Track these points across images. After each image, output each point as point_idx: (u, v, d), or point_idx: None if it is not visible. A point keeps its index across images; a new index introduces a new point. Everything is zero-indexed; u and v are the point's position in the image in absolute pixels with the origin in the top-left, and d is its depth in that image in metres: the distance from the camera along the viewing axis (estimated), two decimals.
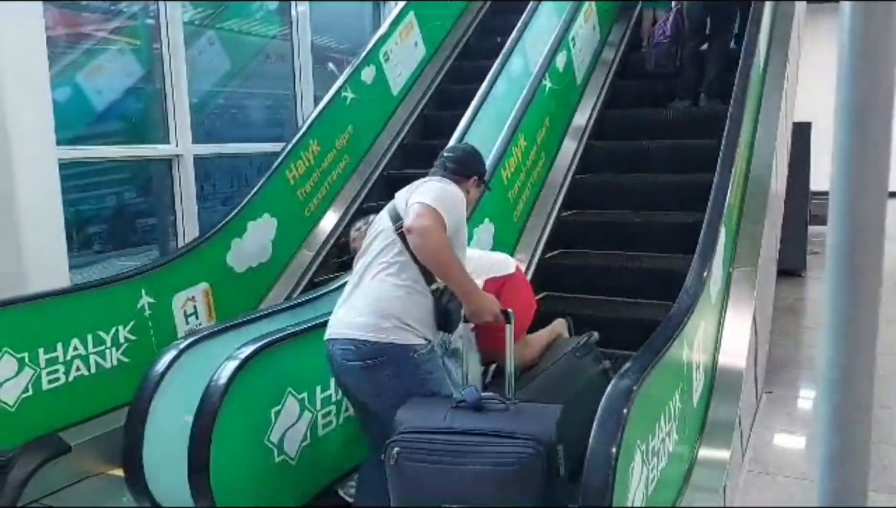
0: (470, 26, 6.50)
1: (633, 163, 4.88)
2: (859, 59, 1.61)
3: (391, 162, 5.40)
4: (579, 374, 3.00)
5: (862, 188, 1.65)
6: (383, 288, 2.30)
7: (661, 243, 4.26)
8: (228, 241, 4.17)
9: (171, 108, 4.98)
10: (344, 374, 2.37)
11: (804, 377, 4.81)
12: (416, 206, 2.25)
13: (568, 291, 4.17)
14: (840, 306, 1.71)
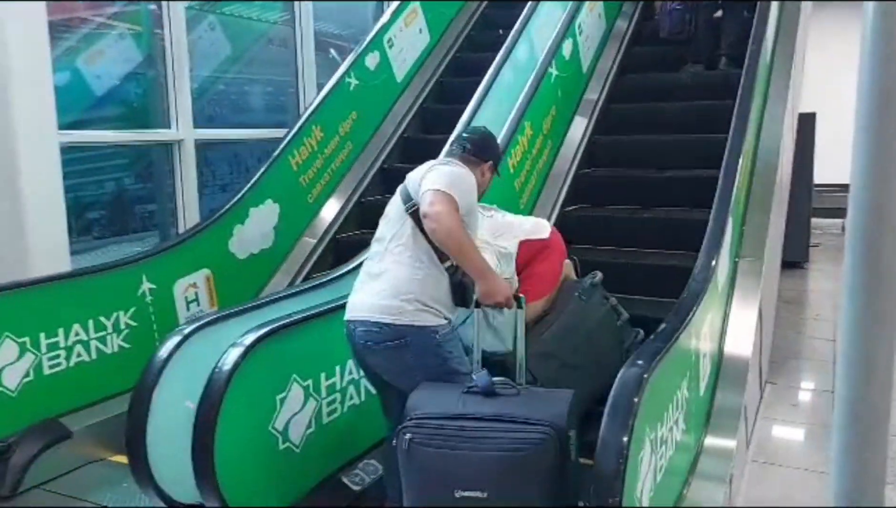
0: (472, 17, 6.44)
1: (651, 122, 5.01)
2: (883, 50, 1.58)
3: (395, 149, 5.36)
4: (588, 316, 3.05)
5: (884, 179, 1.62)
6: (403, 270, 2.34)
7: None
8: (230, 227, 4.14)
9: (172, 92, 4.93)
10: (368, 355, 2.40)
11: (807, 368, 4.80)
12: (430, 193, 2.28)
13: (588, 242, 4.17)
14: (859, 297, 1.68)
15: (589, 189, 4.70)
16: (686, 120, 4.85)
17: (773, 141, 4.39)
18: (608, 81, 5.30)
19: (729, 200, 3.38)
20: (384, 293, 2.33)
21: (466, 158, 2.58)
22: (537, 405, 2.11)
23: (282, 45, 6.34)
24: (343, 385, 2.85)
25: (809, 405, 4.22)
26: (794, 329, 5.54)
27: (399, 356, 2.33)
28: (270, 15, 6.28)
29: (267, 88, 6.53)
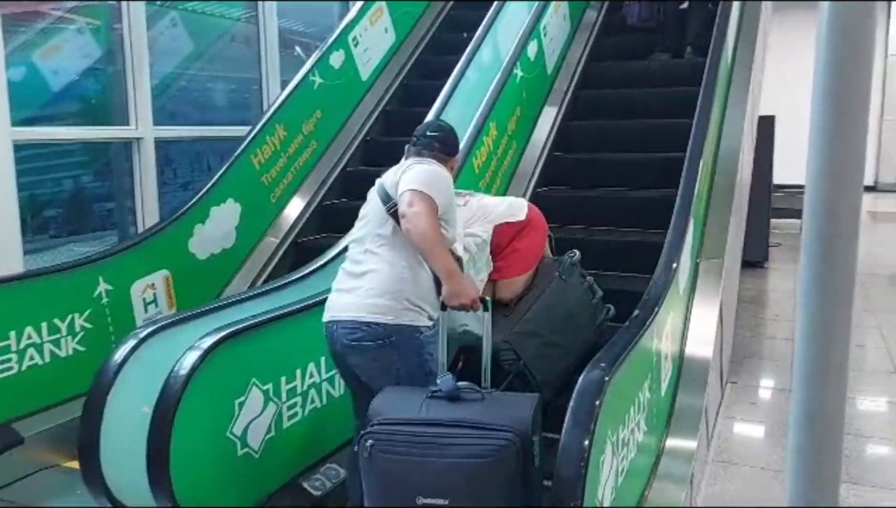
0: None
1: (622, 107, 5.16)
2: (838, 52, 1.60)
3: (357, 152, 5.31)
4: (568, 295, 3.13)
5: (838, 181, 1.64)
6: (388, 269, 2.36)
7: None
8: (191, 227, 4.06)
9: (132, 89, 4.83)
10: (350, 354, 2.39)
11: (766, 367, 4.88)
12: (408, 194, 2.31)
13: (562, 221, 4.27)
14: (815, 298, 1.69)
15: (560, 171, 4.81)
16: (655, 105, 5.02)
17: (734, 143, 4.45)
18: (578, 68, 5.43)
19: (690, 202, 3.41)
20: (371, 293, 2.34)
21: (436, 155, 2.60)
22: (501, 411, 2.10)
23: (245, 42, 6.25)
24: (304, 389, 2.81)
25: (769, 404, 4.28)
26: (753, 329, 5.62)
27: (384, 355, 2.34)
28: (234, 12, 6.19)
29: (230, 85, 6.43)
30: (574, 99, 5.25)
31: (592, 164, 4.82)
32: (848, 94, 1.60)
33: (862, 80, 1.58)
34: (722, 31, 4.48)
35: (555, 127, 4.98)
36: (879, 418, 4.01)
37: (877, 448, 3.65)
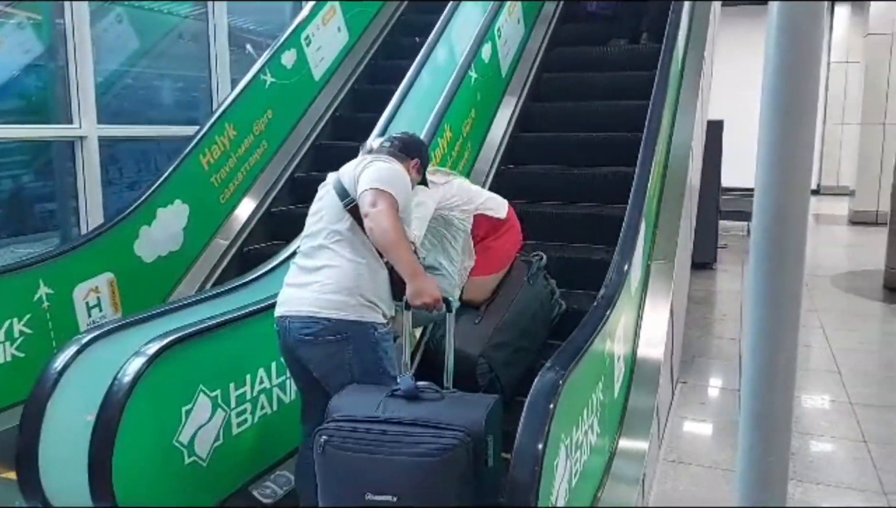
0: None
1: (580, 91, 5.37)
2: (786, 56, 1.62)
3: (313, 147, 5.24)
4: (534, 299, 3.31)
5: (786, 184, 1.66)
6: (344, 265, 2.34)
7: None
8: (136, 228, 3.95)
9: (75, 86, 4.68)
10: (303, 349, 2.37)
11: (715, 366, 4.97)
12: (370, 192, 2.30)
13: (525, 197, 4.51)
14: (764, 300, 1.71)
15: (523, 150, 5.01)
16: (613, 88, 5.23)
17: (685, 147, 4.52)
18: (539, 55, 5.63)
19: (641, 205, 3.45)
20: (326, 288, 2.33)
21: (394, 154, 2.60)
22: (456, 411, 2.09)
23: (194, 39, 6.12)
24: (254, 395, 2.75)
25: (717, 403, 4.35)
26: (702, 329, 5.72)
27: (338, 350, 2.33)
28: (182, 9, 6.06)
29: (178, 83, 6.29)
30: (536, 81, 5.47)
31: (554, 141, 5.01)
32: (796, 97, 1.63)
33: (810, 83, 1.60)
34: (676, 18, 4.72)
35: (517, 108, 5.18)
36: (823, 416, 4.12)
37: (821, 446, 3.75)
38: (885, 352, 5.42)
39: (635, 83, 4.94)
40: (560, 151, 4.92)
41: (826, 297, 6.89)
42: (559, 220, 4.41)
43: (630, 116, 4.57)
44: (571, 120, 5.11)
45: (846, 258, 9.49)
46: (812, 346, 5.27)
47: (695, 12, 5.31)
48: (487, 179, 4.73)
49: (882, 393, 4.46)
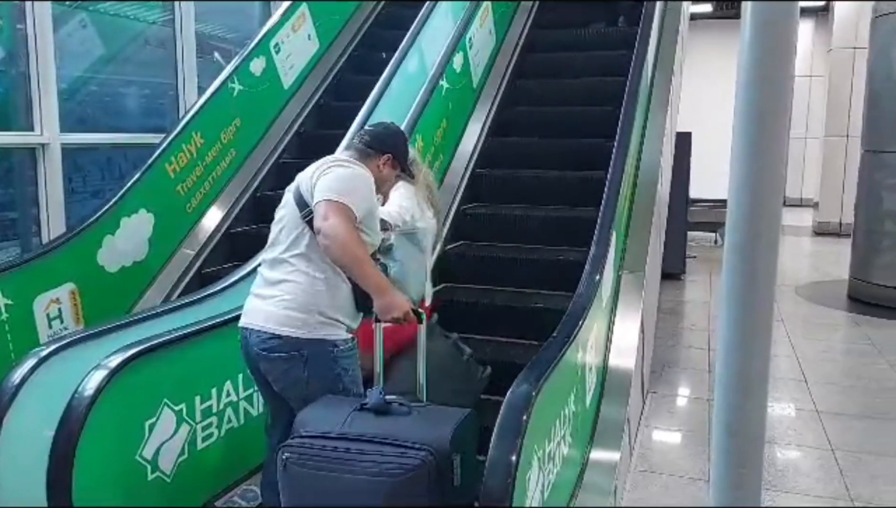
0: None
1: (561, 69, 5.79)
2: (759, 70, 1.63)
3: (282, 157, 5.18)
4: (433, 354, 2.62)
5: (759, 197, 1.66)
6: (303, 280, 2.27)
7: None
8: (100, 238, 3.85)
9: (37, 93, 4.57)
10: (263, 363, 2.32)
11: (685, 376, 4.99)
12: (323, 205, 2.20)
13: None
14: (736, 312, 1.71)
15: (509, 125, 5.33)
16: (590, 67, 5.64)
17: (654, 158, 4.56)
18: (522, 36, 6.02)
19: (612, 215, 3.46)
20: (284, 303, 2.26)
21: (362, 151, 2.52)
22: (423, 428, 2.04)
23: (161, 46, 6.03)
24: (220, 408, 2.69)
25: (687, 413, 4.37)
26: (671, 339, 5.76)
27: (293, 367, 2.27)
28: (149, 14, 5.96)
29: (144, 90, 6.18)
30: (520, 62, 5.81)
31: (540, 115, 5.39)
32: (769, 111, 1.63)
33: (782, 96, 1.61)
34: (651, 11, 4.93)
35: (503, 82, 5.57)
36: (790, 424, 4.15)
37: (788, 454, 3.77)
38: (849, 361, 5.50)
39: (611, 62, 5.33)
40: (534, 156, 5.02)
41: (792, 306, 6.99)
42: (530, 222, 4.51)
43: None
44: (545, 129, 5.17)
45: (811, 268, 9.65)
46: (778, 355, 5.33)
47: (664, 25, 5.38)
48: (460, 187, 4.73)
49: (847, 401, 4.52)
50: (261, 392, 2.54)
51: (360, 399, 2.18)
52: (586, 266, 3.15)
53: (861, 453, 3.74)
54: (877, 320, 6.47)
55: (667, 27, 5.50)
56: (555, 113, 5.35)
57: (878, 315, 6.58)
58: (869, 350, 5.56)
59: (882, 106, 7.19)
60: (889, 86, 7.08)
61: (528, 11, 6.19)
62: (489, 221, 4.61)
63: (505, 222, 4.56)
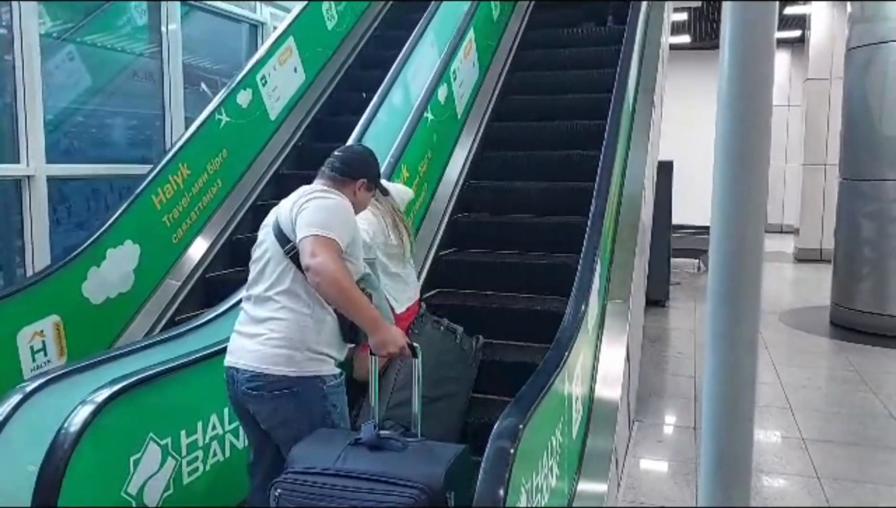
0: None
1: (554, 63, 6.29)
2: (738, 101, 1.67)
3: (266, 187, 5.20)
4: (428, 346, 2.79)
5: (741, 227, 1.70)
6: (290, 317, 2.25)
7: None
8: (85, 270, 3.84)
9: (23, 124, 4.58)
10: (250, 402, 2.29)
11: (671, 405, 5.01)
12: (308, 241, 2.18)
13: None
14: (721, 342, 1.73)
15: (509, 110, 5.75)
16: (583, 61, 6.10)
17: (637, 186, 4.62)
18: (518, 35, 6.48)
19: (597, 244, 3.50)
20: (271, 342, 2.24)
21: (335, 179, 2.47)
22: (416, 464, 2.03)
23: (148, 77, 6.06)
24: (206, 442, 2.67)
25: (674, 442, 4.38)
26: (657, 367, 5.79)
27: (283, 405, 2.25)
28: (136, 46, 6.00)
29: (131, 121, 6.20)
30: (516, 56, 6.25)
31: (538, 102, 5.85)
32: (749, 141, 1.68)
33: (761, 127, 1.66)
34: (637, 5, 5.21)
35: (501, 77, 6.03)
36: (776, 452, 4.17)
37: (774, 482, 3.79)
38: (833, 388, 5.54)
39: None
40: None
41: (775, 333, 7.05)
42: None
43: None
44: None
45: (793, 295, 9.75)
46: (763, 382, 5.37)
47: (644, 56, 5.47)
48: (442, 222, 4.76)
49: (832, 429, 4.56)
50: (245, 431, 2.52)
51: (354, 434, 2.17)
52: (571, 298, 3.17)
53: (846, 481, 3.76)
54: (859, 346, 6.54)
55: (646, 59, 5.61)
56: (535, 156, 5.35)
57: (861, 341, 6.65)
58: (852, 377, 5.61)
59: (857, 135, 7.34)
60: (864, 116, 7.23)
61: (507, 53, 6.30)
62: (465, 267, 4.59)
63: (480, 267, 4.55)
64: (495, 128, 5.58)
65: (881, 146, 7.03)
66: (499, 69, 6.03)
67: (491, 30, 5.88)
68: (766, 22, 1.53)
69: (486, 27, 5.70)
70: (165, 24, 6.00)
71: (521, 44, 6.44)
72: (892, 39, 6.91)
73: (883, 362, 6.10)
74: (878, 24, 7.07)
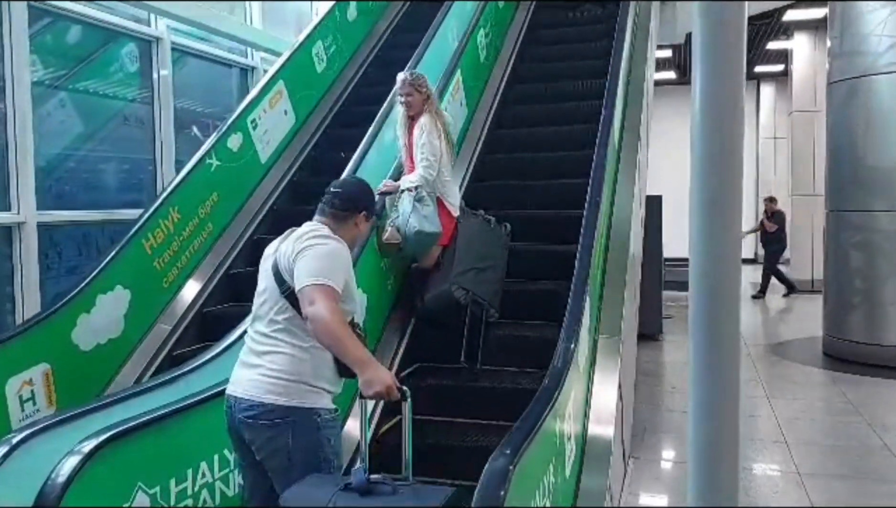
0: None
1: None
2: (710, 138, 1.72)
3: (258, 230, 5.22)
4: (472, 229, 4.20)
5: (719, 263, 1.73)
6: (288, 351, 2.35)
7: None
8: (75, 316, 3.82)
9: (14, 172, 4.60)
10: (246, 431, 2.36)
11: (667, 441, 4.98)
12: (308, 290, 2.27)
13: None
14: (703, 377, 1.75)
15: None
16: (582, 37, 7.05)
17: (625, 221, 4.66)
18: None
19: (586, 278, 3.51)
20: (270, 373, 2.34)
21: (336, 215, 2.54)
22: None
23: (139, 123, 6.12)
24: (196, 490, 2.64)
25: (671, 478, 4.35)
26: (651, 402, 5.76)
27: (277, 434, 2.31)
28: (128, 92, 6.07)
29: (123, 165, 6.23)
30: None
31: (544, 71, 6.69)
32: (721, 178, 1.72)
33: (734, 165, 1.70)
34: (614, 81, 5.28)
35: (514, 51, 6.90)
36: (772, 486, 4.15)
37: None
38: (828, 420, 5.53)
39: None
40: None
41: (768, 365, 7.04)
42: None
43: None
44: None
45: (785, 326, 9.77)
46: (758, 416, 5.35)
47: (628, 99, 5.55)
48: None
49: (828, 462, 4.53)
50: (240, 463, 2.54)
51: (345, 478, 2.17)
52: (561, 334, 3.17)
53: None
54: (852, 376, 6.53)
55: (632, 95, 5.69)
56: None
57: (854, 372, 6.65)
58: (847, 408, 5.60)
59: (842, 167, 7.44)
60: (847, 147, 7.34)
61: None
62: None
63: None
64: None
65: (866, 177, 7.11)
66: (486, 108, 6.12)
67: (478, 72, 5.97)
68: (735, 71, 1.58)
69: (473, 69, 5.79)
70: (157, 69, 6.08)
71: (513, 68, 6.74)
72: (871, 73, 7.04)
73: (877, 392, 6.10)
74: (856, 58, 7.21)
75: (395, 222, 3.96)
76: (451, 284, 3.87)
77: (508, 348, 4.10)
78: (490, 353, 4.05)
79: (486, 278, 4.02)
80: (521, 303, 4.31)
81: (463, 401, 3.86)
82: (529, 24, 7.32)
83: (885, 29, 6.90)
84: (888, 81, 6.95)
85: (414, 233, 3.90)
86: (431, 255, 4.08)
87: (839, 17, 7.47)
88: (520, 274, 4.46)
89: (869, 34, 7.02)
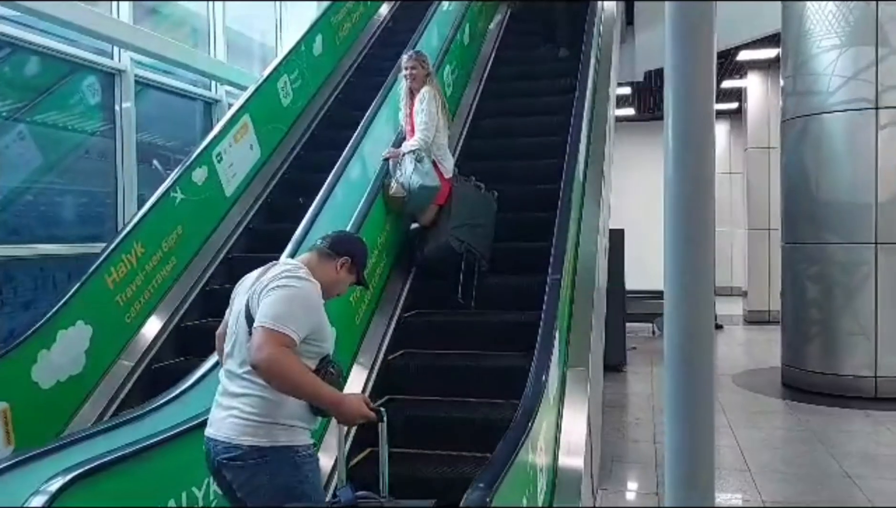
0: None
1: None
2: (683, 172, 1.78)
3: (221, 265, 5.16)
4: (465, 191, 4.86)
5: (694, 300, 1.77)
6: (258, 393, 2.30)
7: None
8: (34, 353, 3.72)
9: None
10: (227, 471, 2.33)
11: (633, 471, 5.01)
12: (258, 333, 2.19)
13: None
14: (678, 411, 1.79)
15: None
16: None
17: (591, 254, 4.73)
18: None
19: (555, 313, 3.55)
20: (243, 414, 2.30)
21: (321, 252, 2.57)
22: None
23: (101, 156, 6.04)
24: None
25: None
26: (617, 433, 5.80)
27: (254, 474, 2.29)
28: (89, 125, 6.00)
29: (82, 199, 6.13)
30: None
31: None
32: (694, 212, 1.78)
33: (707, 198, 1.76)
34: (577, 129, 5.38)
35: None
36: None
37: None
38: (789, 448, 5.62)
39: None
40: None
41: (730, 395, 7.15)
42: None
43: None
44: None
45: (745, 357, 9.94)
46: (721, 445, 5.41)
47: (592, 134, 5.67)
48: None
49: (791, 491, 4.60)
50: (225, 500, 2.48)
51: (332, 501, 2.22)
52: (532, 367, 3.19)
53: None
54: (811, 406, 6.67)
55: (595, 132, 5.81)
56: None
57: (812, 402, 6.79)
58: (807, 437, 5.71)
59: (797, 202, 7.66)
60: (802, 183, 7.57)
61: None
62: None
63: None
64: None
65: (820, 211, 7.34)
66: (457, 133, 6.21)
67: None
68: (705, 113, 1.65)
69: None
70: (120, 102, 6.03)
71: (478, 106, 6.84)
72: (823, 111, 7.31)
73: (834, 421, 6.23)
74: (808, 97, 7.48)
75: (400, 180, 4.59)
76: (448, 236, 4.57)
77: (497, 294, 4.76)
78: (481, 298, 4.69)
79: (478, 233, 4.75)
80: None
81: (459, 332, 4.54)
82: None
83: (835, 69, 7.18)
84: (839, 120, 7.21)
85: (418, 187, 4.55)
86: (429, 213, 4.73)
87: (791, 56, 7.75)
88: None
89: (821, 74, 7.29)
